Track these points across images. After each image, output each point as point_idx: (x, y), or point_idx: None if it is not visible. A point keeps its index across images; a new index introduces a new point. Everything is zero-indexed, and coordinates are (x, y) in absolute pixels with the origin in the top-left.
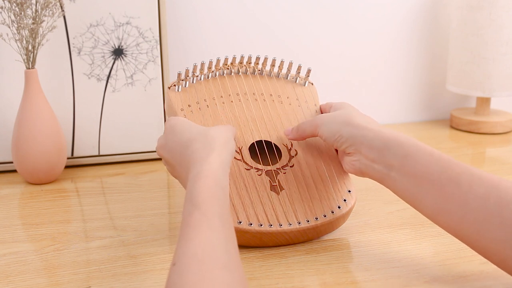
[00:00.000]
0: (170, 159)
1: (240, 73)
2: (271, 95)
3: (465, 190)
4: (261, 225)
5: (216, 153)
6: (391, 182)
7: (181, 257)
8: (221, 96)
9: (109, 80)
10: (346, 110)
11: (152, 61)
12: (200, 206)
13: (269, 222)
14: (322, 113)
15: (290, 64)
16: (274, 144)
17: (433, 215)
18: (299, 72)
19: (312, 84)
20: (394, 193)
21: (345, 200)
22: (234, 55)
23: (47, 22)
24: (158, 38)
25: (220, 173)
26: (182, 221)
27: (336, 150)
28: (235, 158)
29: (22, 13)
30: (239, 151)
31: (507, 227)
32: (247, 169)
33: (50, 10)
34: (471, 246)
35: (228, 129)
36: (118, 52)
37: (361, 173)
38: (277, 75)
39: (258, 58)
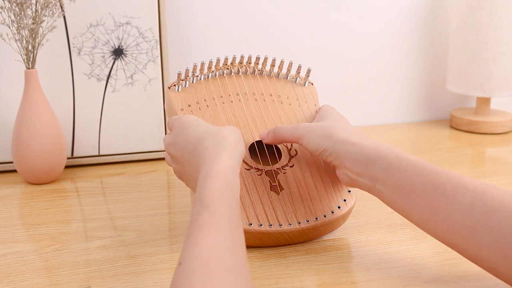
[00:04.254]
0: (180, 157)
1: (240, 73)
2: (271, 95)
3: (450, 200)
4: (261, 225)
5: (228, 152)
6: (378, 194)
7: (187, 257)
8: (221, 96)
9: (109, 80)
10: (327, 122)
11: (152, 61)
12: (209, 206)
13: (269, 222)
14: None
15: (290, 64)
16: (274, 144)
17: (421, 225)
18: (299, 72)
19: (312, 84)
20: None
21: (345, 200)
22: (234, 55)
23: (47, 22)
24: (158, 38)
25: (231, 173)
26: (190, 220)
27: None
28: None
29: (22, 13)
30: None
31: (494, 234)
32: (247, 169)
33: (50, 10)
34: (461, 254)
35: (237, 130)
36: (118, 52)
37: (351, 184)
38: (277, 75)
39: (258, 58)
